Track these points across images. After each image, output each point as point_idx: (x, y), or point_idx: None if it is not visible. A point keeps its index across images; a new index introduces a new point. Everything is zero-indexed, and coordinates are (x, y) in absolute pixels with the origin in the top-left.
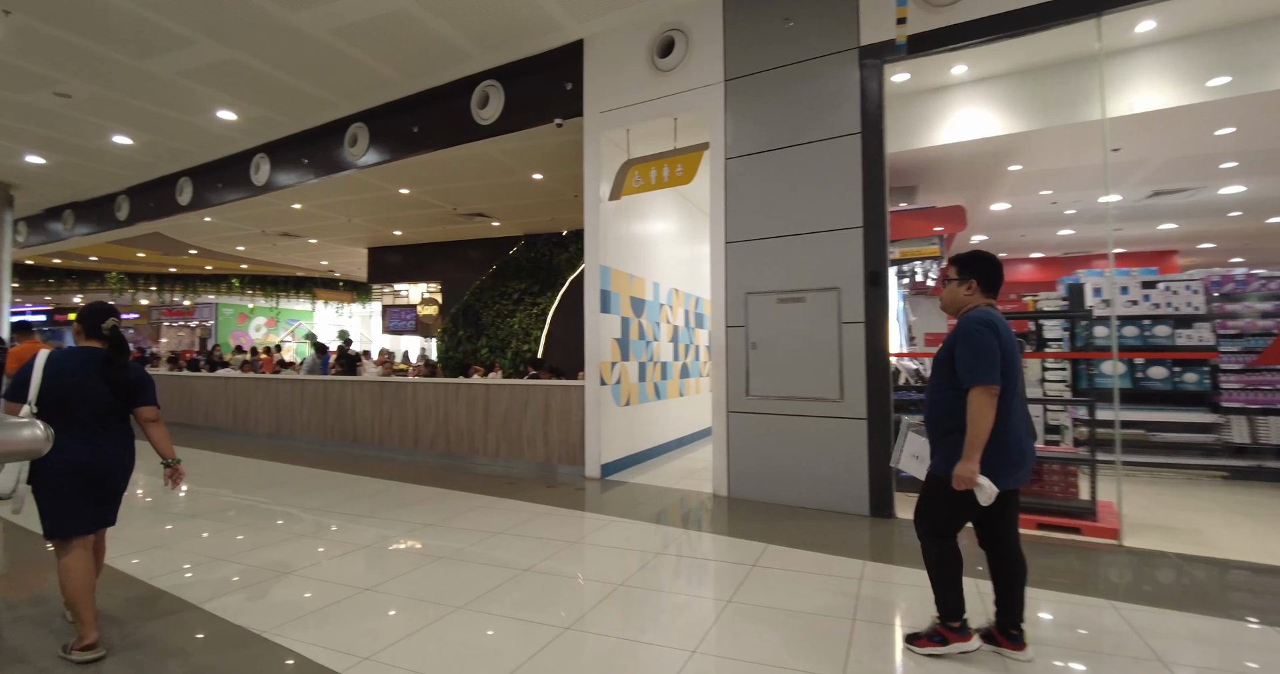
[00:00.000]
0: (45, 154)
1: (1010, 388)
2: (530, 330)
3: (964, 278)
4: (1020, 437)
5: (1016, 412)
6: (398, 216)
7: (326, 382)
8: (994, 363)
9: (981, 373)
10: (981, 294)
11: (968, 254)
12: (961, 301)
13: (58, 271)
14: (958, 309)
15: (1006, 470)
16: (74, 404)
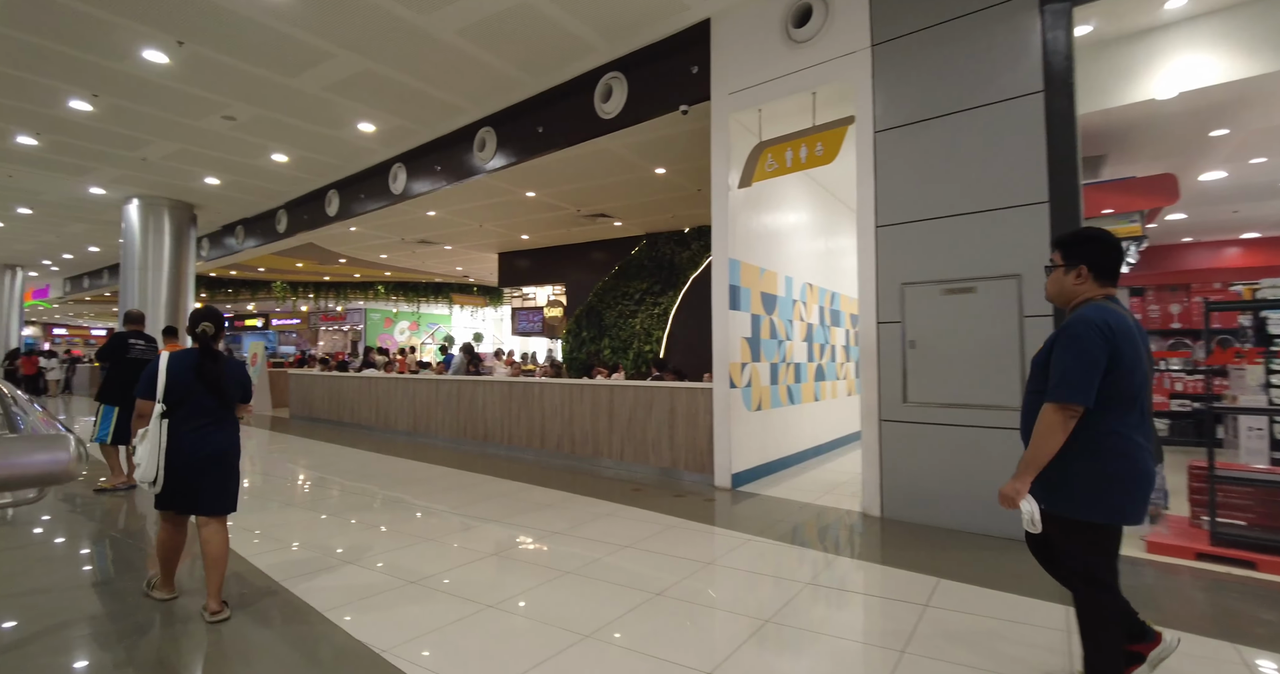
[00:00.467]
0: (219, 175)
1: (1133, 403)
2: (652, 331)
3: (1072, 263)
4: (1147, 467)
5: (1143, 432)
6: (524, 220)
7: (459, 382)
8: (1091, 379)
9: (1071, 388)
10: (1095, 283)
11: (1077, 233)
12: (1070, 292)
13: (235, 282)
14: (1066, 301)
15: (1125, 504)
16: (188, 400)
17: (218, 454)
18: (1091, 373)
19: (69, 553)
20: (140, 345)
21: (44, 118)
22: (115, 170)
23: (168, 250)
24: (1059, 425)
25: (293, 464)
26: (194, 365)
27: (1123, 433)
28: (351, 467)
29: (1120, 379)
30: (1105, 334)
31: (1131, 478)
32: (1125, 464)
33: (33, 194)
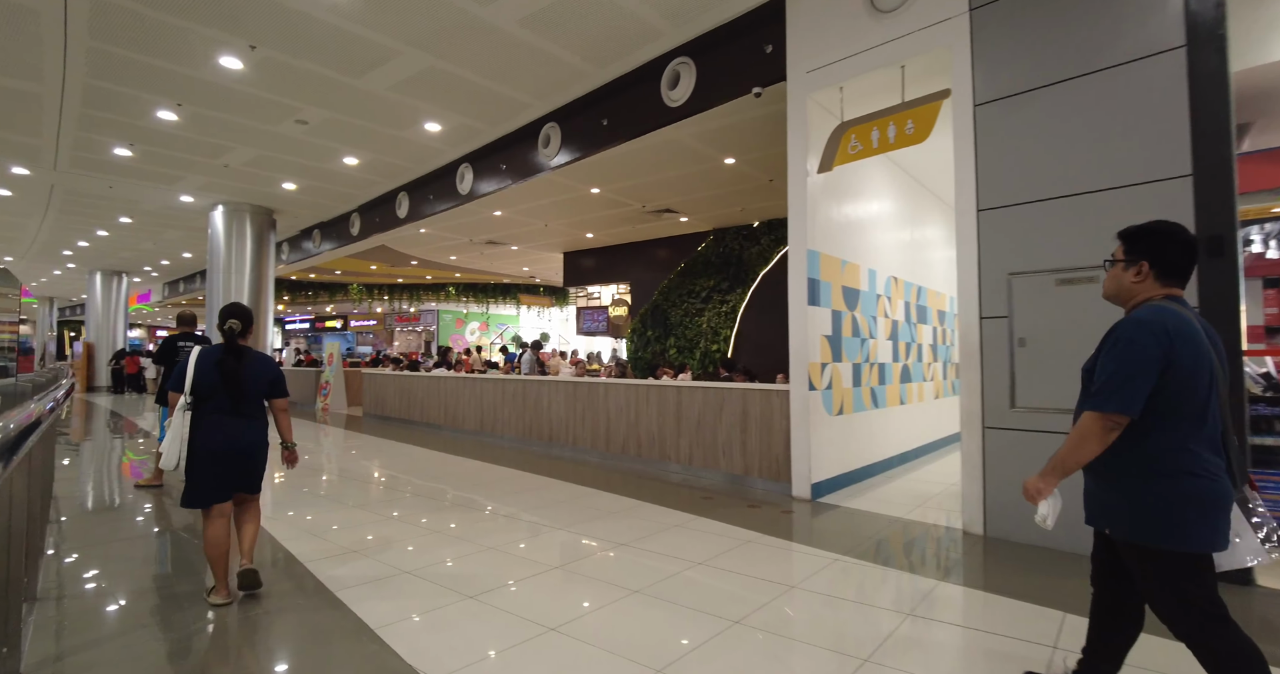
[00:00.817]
0: (295, 179)
1: (1203, 416)
2: (719, 329)
3: (1132, 258)
4: (1223, 488)
5: (1215, 448)
6: (589, 218)
7: (524, 381)
8: (1138, 387)
9: (1112, 396)
10: (1157, 282)
11: (1144, 225)
12: (1128, 291)
13: (314, 285)
14: (1124, 301)
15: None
16: (214, 394)
17: (240, 448)
18: (1139, 380)
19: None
20: (189, 347)
21: (136, 129)
22: (201, 178)
23: (249, 254)
24: (1095, 435)
25: (361, 464)
26: (217, 361)
27: (1192, 449)
28: (418, 467)
29: (1181, 388)
30: (1160, 338)
31: (1206, 499)
32: (1197, 484)
33: (131, 203)
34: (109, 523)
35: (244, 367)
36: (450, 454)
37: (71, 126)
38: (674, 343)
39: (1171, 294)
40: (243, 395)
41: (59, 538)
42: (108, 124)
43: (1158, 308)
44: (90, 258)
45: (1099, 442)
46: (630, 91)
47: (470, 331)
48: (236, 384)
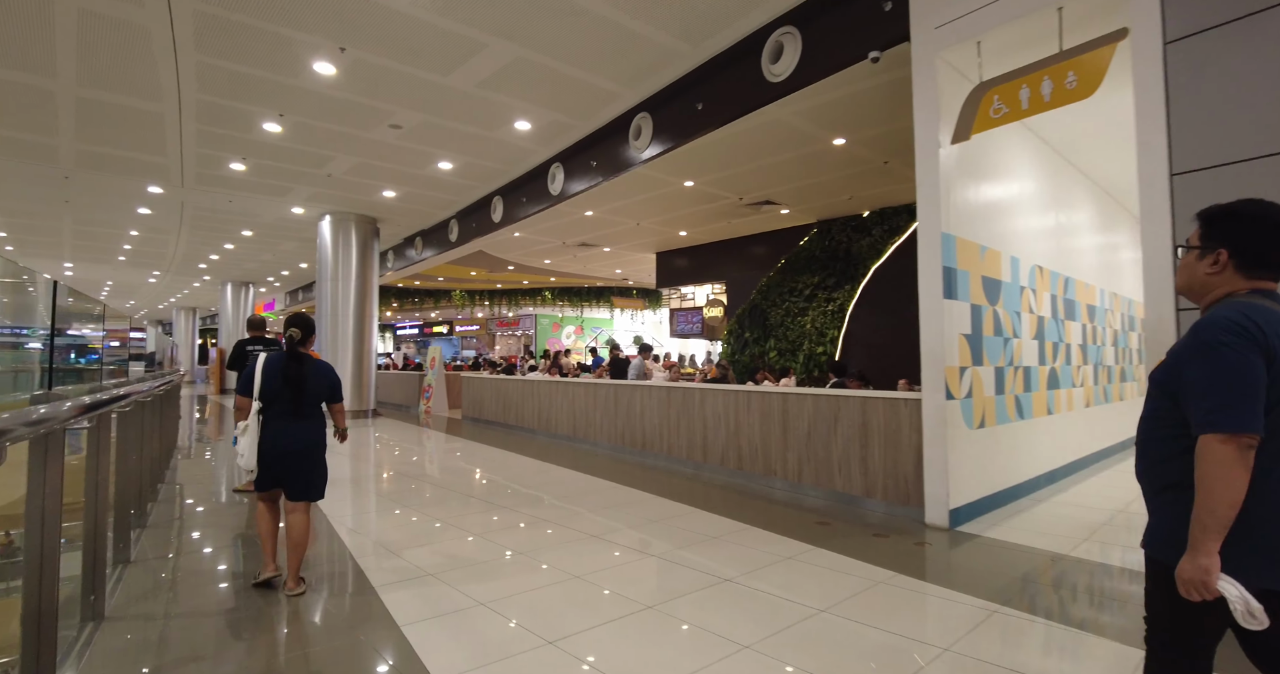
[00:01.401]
0: (394, 187)
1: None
2: (825, 330)
3: (1208, 246)
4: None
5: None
6: (682, 214)
7: (615, 386)
8: (1254, 397)
9: (1232, 412)
10: (1239, 274)
11: (1222, 205)
12: (1202, 284)
13: (420, 292)
14: (1200, 297)
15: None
16: (279, 398)
17: (299, 448)
18: (1252, 388)
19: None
20: (258, 351)
21: (246, 142)
22: (308, 188)
23: (354, 262)
24: (1233, 462)
25: (451, 472)
26: (282, 368)
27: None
28: (508, 475)
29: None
30: (1251, 337)
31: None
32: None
33: (250, 216)
34: (203, 504)
35: (304, 372)
36: (541, 461)
37: (191, 144)
38: (774, 345)
39: (1260, 288)
40: (303, 399)
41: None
42: (221, 139)
43: (1242, 304)
44: (221, 270)
45: (1243, 467)
46: (727, 71)
47: (566, 335)
48: (298, 388)
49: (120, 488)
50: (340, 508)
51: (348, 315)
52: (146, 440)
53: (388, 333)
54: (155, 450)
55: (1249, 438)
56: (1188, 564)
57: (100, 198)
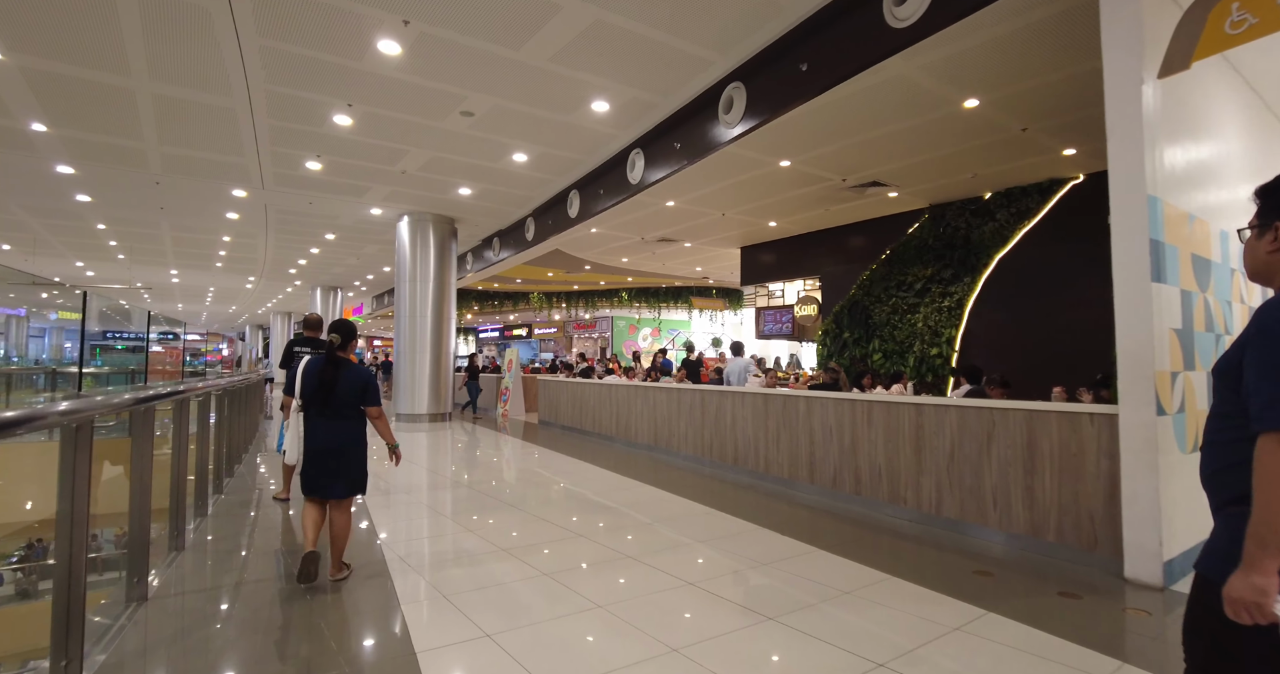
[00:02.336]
0: (470, 183)
1: None
2: (940, 329)
3: (1265, 223)
4: None
5: None
6: (775, 202)
7: (703, 392)
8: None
9: None
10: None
11: (1275, 179)
12: (1266, 266)
13: (499, 295)
14: (1270, 279)
15: None
16: (317, 399)
17: (334, 446)
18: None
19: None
20: (307, 352)
21: (318, 137)
22: (384, 187)
23: (433, 262)
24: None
25: (525, 485)
26: (319, 370)
27: None
28: (583, 492)
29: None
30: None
31: None
32: None
33: (331, 218)
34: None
35: (339, 376)
36: (620, 474)
37: (266, 141)
38: (878, 346)
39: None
40: (335, 401)
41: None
42: (294, 135)
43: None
44: (310, 274)
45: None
46: (840, 21)
47: (643, 337)
48: (330, 391)
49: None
50: (396, 524)
51: (425, 316)
52: (203, 437)
53: (470, 336)
54: (219, 446)
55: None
56: (1239, 581)
57: (189, 202)
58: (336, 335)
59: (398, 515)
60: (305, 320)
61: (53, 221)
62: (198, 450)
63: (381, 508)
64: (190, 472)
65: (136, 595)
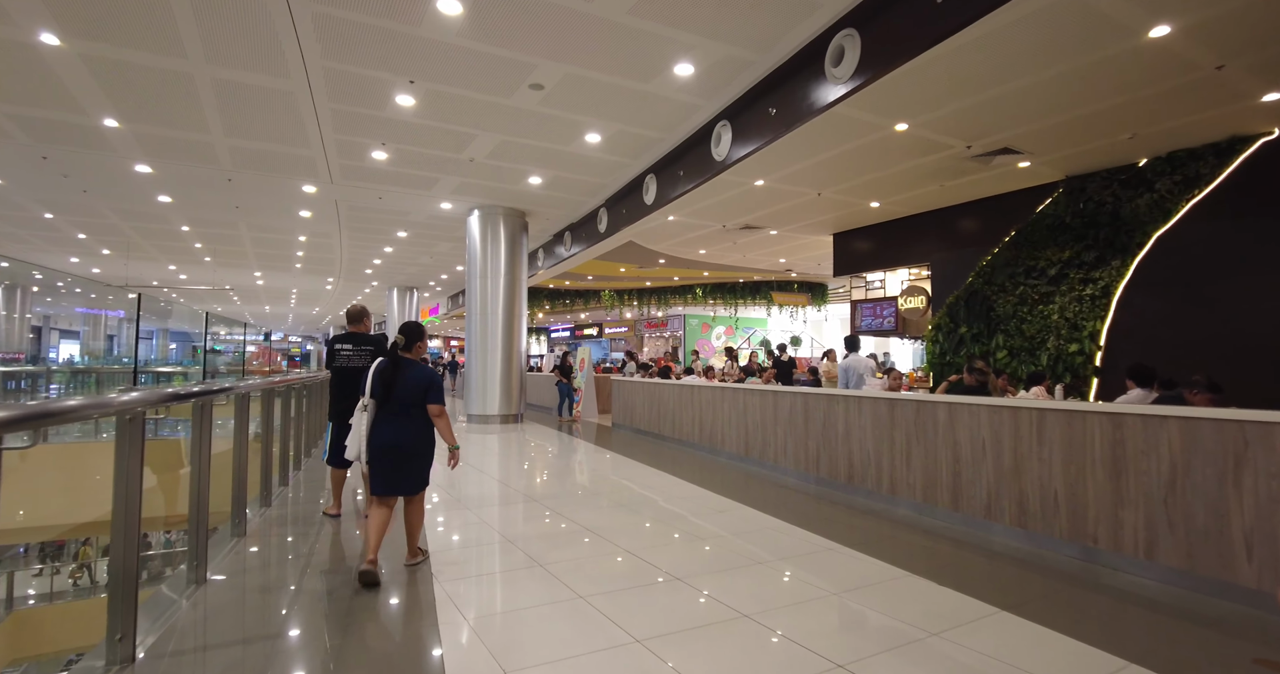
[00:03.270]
0: (540, 171)
1: None
2: (1081, 321)
3: None
4: None
5: None
6: (881, 178)
7: (807, 395)
8: None
9: None
10: None
11: None
12: None
13: (570, 293)
14: None
15: None
16: (379, 398)
17: (397, 444)
18: None
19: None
20: (348, 350)
21: (381, 122)
22: (453, 178)
23: (503, 257)
24: None
25: (603, 500)
26: (382, 370)
27: None
28: (674, 511)
29: None
30: None
31: None
32: None
33: (401, 215)
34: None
35: (402, 375)
36: (708, 490)
37: (329, 129)
38: (1002, 342)
39: None
40: (397, 400)
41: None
42: (357, 120)
43: None
44: (385, 275)
45: None
46: None
47: (716, 336)
48: (391, 389)
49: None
50: (450, 552)
51: (496, 313)
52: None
53: (541, 336)
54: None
55: None
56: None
57: (262, 199)
58: (401, 336)
59: (455, 536)
60: (347, 313)
61: (142, 225)
62: (262, 445)
63: (441, 526)
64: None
65: (196, 579)
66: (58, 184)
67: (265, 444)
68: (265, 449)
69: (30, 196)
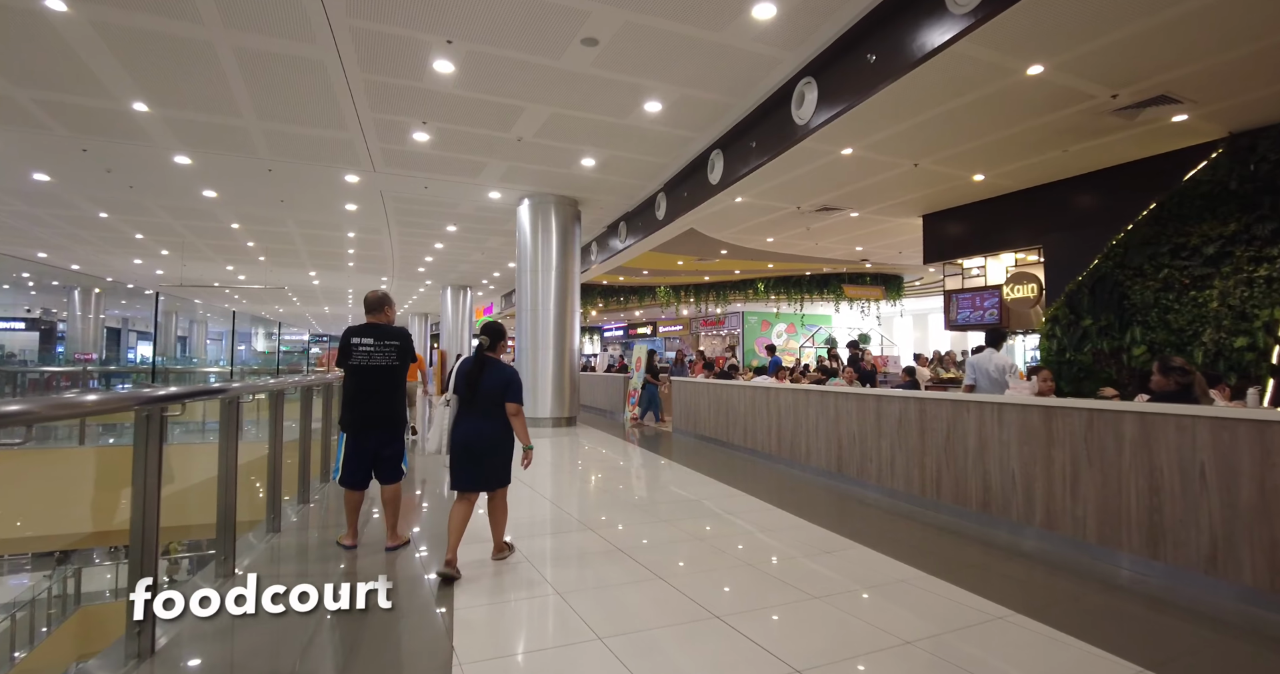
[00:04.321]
0: (593, 149)
1: None
2: (1252, 310)
3: None
4: None
5: None
6: (997, 142)
7: (923, 401)
8: None
9: None
10: None
11: None
12: None
13: (624, 290)
14: None
15: None
16: (464, 396)
17: (478, 441)
18: None
19: None
20: (368, 346)
21: (420, 95)
22: (500, 163)
23: (555, 250)
24: None
25: (668, 529)
26: (466, 370)
27: None
28: (758, 547)
29: None
30: None
31: None
32: None
33: (450, 207)
34: None
35: (483, 374)
36: (804, 519)
37: (365, 105)
38: (1140, 336)
39: None
40: (478, 398)
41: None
42: (393, 93)
43: None
44: (438, 273)
45: None
46: None
47: (777, 334)
48: (475, 388)
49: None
50: (480, 607)
51: (548, 309)
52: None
53: (595, 335)
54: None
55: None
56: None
57: (306, 191)
58: (485, 337)
59: (490, 585)
60: (365, 300)
61: (193, 223)
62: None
63: (478, 580)
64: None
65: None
66: (103, 180)
67: (273, 456)
68: (273, 460)
69: (81, 194)
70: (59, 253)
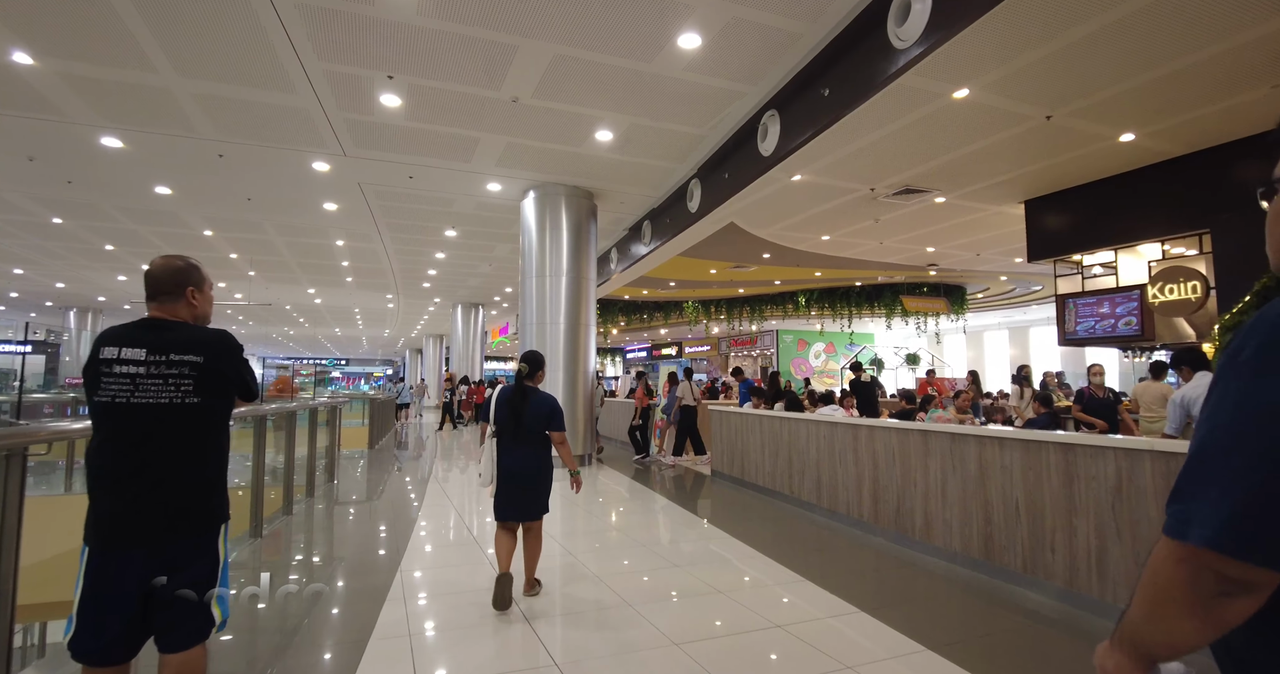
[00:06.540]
0: (611, 118)
1: None
2: None
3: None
4: None
5: None
6: (1174, 75)
7: (981, 438)
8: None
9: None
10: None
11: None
12: None
13: (648, 305)
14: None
15: None
16: (508, 426)
17: (522, 470)
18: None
19: None
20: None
21: (377, 29)
22: (496, 137)
23: (565, 251)
24: (1180, 587)
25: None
26: (508, 399)
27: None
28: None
29: None
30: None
31: None
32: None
33: (443, 203)
34: None
35: (527, 404)
36: (818, 588)
37: (307, 48)
38: None
39: None
40: (523, 428)
41: None
42: (341, 26)
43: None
44: (445, 289)
45: (1189, 606)
46: None
47: (815, 354)
48: (519, 418)
49: None
50: None
51: (558, 321)
52: None
53: (616, 356)
54: None
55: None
56: (1104, 654)
57: (271, 184)
58: (525, 365)
59: None
60: (146, 276)
61: (160, 229)
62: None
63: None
64: None
65: None
66: (35, 173)
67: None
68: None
69: (21, 192)
70: (35, 268)
